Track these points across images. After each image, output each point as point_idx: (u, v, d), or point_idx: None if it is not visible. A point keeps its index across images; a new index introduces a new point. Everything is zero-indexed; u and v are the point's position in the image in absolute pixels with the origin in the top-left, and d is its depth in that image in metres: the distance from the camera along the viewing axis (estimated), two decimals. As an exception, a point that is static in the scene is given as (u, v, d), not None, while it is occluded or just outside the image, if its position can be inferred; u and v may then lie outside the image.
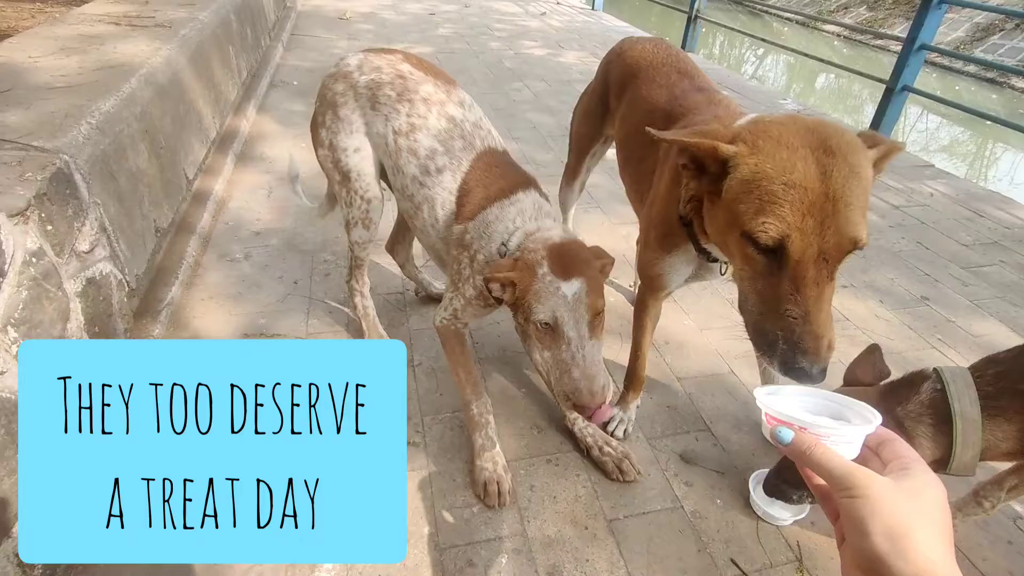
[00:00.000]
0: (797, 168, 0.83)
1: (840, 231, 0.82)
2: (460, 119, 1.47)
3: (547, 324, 1.16)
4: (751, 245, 0.88)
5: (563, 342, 1.14)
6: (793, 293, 0.84)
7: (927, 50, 3.67)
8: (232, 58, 3.38)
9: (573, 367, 1.12)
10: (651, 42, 1.73)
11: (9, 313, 1.15)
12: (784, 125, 0.89)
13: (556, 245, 1.22)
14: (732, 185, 0.91)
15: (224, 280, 2.13)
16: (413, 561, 1.30)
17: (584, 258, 1.22)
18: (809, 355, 0.81)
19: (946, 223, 2.94)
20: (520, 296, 1.19)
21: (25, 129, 1.51)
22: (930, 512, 0.49)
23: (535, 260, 1.19)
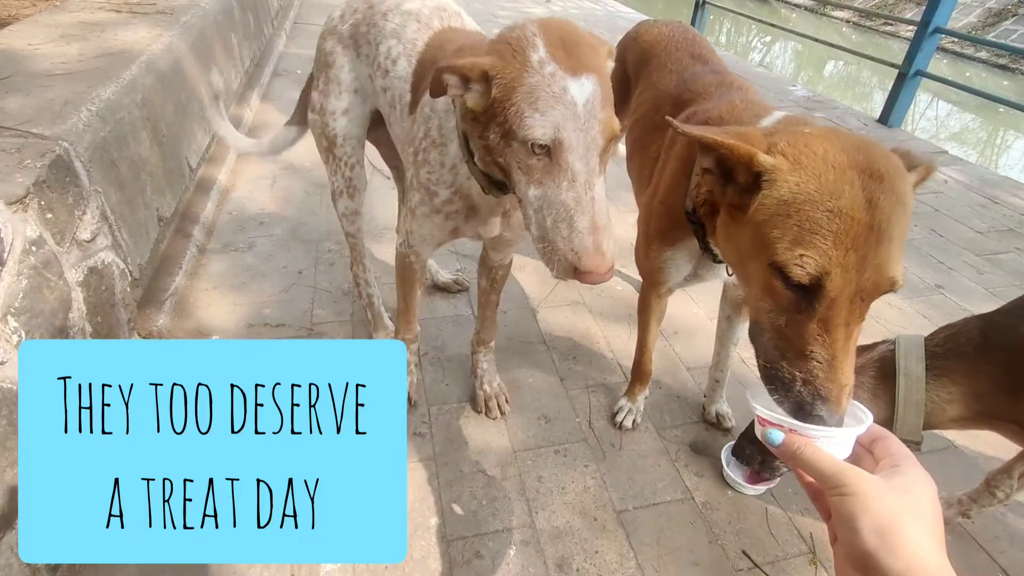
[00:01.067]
0: (845, 194, 0.72)
1: (881, 269, 0.72)
2: (417, 9, 1.33)
3: (543, 147, 0.80)
4: (780, 278, 0.76)
5: (564, 176, 0.80)
6: (821, 334, 0.73)
7: (941, 34, 3.60)
8: (235, 46, 3.34)
9: (578, 214, 0.79)
10: (667, 25, 1.67)
11: (9, 302, 1.13)
12: (828, 140, 0.78)
13: (551, 22, 0.86)
14: (766, 204, 0.78)
15: (228, 270, 2.11)
16: (420, 553, 1.28)
17: (591, 44, 0.86)
18: (830, 404, 0.71)
19: (960, 210, 2.89)
20: (499, 98, 0.81)
21: (24, 116, 1.48)
22: (920, 508, 0.49)
23: (523, 39, 0.82)
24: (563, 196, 0.80)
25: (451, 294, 2.08)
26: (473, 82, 0.84)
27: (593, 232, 0.79)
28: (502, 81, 0.81)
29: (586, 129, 0.79)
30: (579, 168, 0.79)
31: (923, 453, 1.56)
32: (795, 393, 0.74)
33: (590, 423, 1.62)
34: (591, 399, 1.69)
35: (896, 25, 10.74)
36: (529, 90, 0.79)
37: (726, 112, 1.16)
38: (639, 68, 1.64)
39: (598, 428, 1.61)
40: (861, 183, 0.72)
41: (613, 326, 1.98)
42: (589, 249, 0.79)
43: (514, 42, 0.82)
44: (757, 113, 1.10)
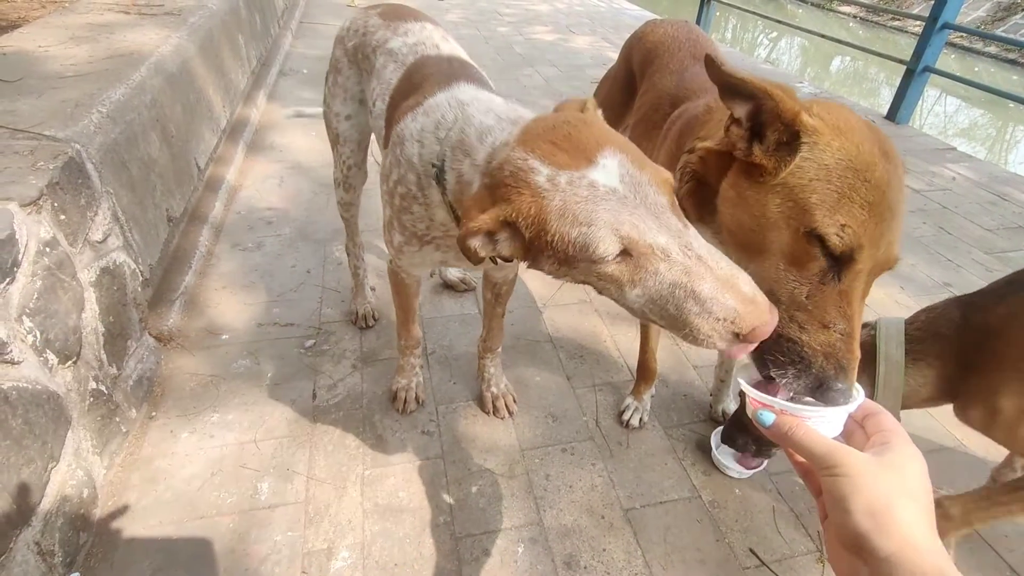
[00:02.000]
0: (878, 166, 0.71)
1: (891, 246, 0.74)
2: (398, 47, 1.34)
3: (616, 255, 0.67)
4: (817, 245, 0.73)
5: (657, 259, 0.66)
6: (843, 306, 0.73)
7: (950, 29, 3.57)
8: (242, 46, 3.36)
9: (698, 282, 0.64)
10: (672, 25, 1.66)
11: (24, 303, 1.14)
12: (849, 111, 0.77)
13: (529, 127, 0.76)
14: (803, 167, 0.74)
15: (237, 269, 2.12)
16: (429, 550, 1.29)
17: (578, 121, 0.74)
18: (849, 376, 0.71)
19: (969, 207, 2.87)
20: (535, 236, 0.71)
21: (36, 118, 1.50)
22: (911, 486, 0.49)
23: (517, 171, 0.71)
24: (670, 277, 0.66)
25: (458, 293, 2.09)
26: (498, 234, 0.75)
27: (727, 289, 0.64)
28: (527, 221, 0.71)
29: (642, 200, 0.67)
30: (664, 241, 0.66)
31: (929, 452, 1.57)
32: (817, 367, 0.72)
33: (597, 422, 1.62)
34: (598, 398, 1.70)
35: (903, 20, 10.65)
36: (561, 212, 0.68)
37: (715, 102, 1.10)
38: (643, 68, 1.64)
39: (605, 427, 1.61)
40: (882, 159, 0.73)
41: (619, 325, 1.98)
42: (736, 309, 0.63)
43: (510, 179, 0.71)
44: None
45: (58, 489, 1.19)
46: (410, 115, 1.06)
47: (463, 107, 0.96)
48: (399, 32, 1.38)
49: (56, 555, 1.16)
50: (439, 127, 0.98)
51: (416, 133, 1.02)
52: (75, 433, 1.26)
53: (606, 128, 0.74)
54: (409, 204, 1.07)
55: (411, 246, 1.15)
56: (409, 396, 1.60)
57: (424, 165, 1.01)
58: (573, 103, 0.83)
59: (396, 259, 1.26)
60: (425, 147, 1.00)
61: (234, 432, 1.53)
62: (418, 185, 1.04)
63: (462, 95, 1.02)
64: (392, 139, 1.11)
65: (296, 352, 1.79)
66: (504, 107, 0.94)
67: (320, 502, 1.38)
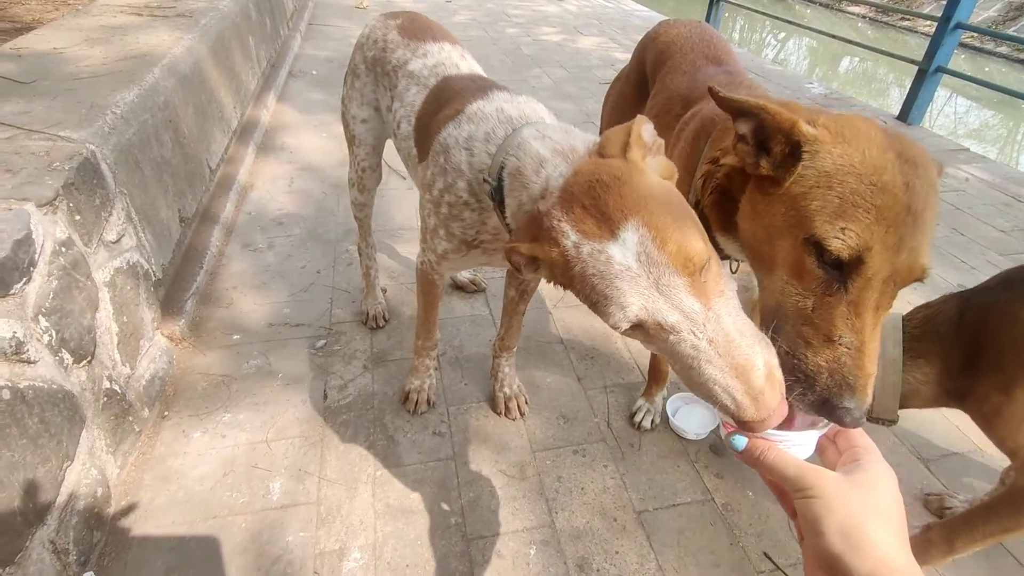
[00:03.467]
0: (888, 170, 0.70)
1: (916, 253, 0.70)
2: (418, 70, 1.36)
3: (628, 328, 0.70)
4: (815, 254, 0.72)
5: (668, 333, 0.67)
6: (851, 318, 0.70)
7: (963, 29, 3.54)
8: (252, 48, 3.38)
9: (706, 365, 0.65)
10: (686, 26, 1.64)
11: (40, 302, 1.15)
12: (867, 121, 0.76)
13: (570, 182, 0.77)
14: (804, 176, 0.74)
15: (248, 270, 2.13)
16: (441, 551, 1.29)
17: (621, 177, 0.73)
18: (858, 395, 0.67)
19: (982, 208, 2.84)
20: (560, 280, 0.78)
21: (52, 119, 1.51)
22: (883, 505, 0.50)
23: (552, 229, 0.74)
24: (678, 349, 0.66)
25: (468, 294, 2.09)
26: (533, 265, 0.79)
27: (735, 377, 0.62)
28: (555, 272, 0.76)
29: (656, 281, 0.66)
30: (674, 320, 0.65)
31: (943, 457, 1.55)
32: (822, 386, 0.69)
33: (608, 423, 1.62)
34: (609, 399, 1.69)
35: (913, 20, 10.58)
36: (581, 278, 0.71)
37: None
38: (656, 68, 1.63)
39: (617, 428, 1.60)
40: (900, 165, 0.71)
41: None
42: (737, 400, 0.62)
43: (546, 233, 0.75)
44: None
45: (72, 488, 1.19)
46: (452, 123, 1.09)
47: (511, 123, 1.01)
48: (418, 53, 1.39)
49: (71, 554, 1.16)
50: (489, 140, 1.02)
51: (463, 141, 1.05)
52: (89, 432, 1.26)
53: (640, 186, 0.72)
54: (460, 211, 1.10)
55: (458, 252, 1.17)
56: (421, 397, 1.60)
57: (474, 173, 1.03)
58: (617, 138, 0.79)
59: (437, 265, 1.27)
60: (475, 156, 1.03)
61: (246, 432, 1.53)
62: (469, 191, 1.06)
63: (508, 108, 1.05)
64: (434, 149, 1.13)
65: (307, 352, 1.80)
66: (560, 135, 0.95)
67: (332, 503, 1.38)
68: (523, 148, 0.93)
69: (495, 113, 1.05)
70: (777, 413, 0.61)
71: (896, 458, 1.56)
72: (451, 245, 1.16)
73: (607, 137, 0.80)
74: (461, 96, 1.15)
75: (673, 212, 0.70)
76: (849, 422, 0.65)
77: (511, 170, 0.94)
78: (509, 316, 1.52)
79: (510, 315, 1.52)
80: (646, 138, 0.79)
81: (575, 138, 0.93)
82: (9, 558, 1.00)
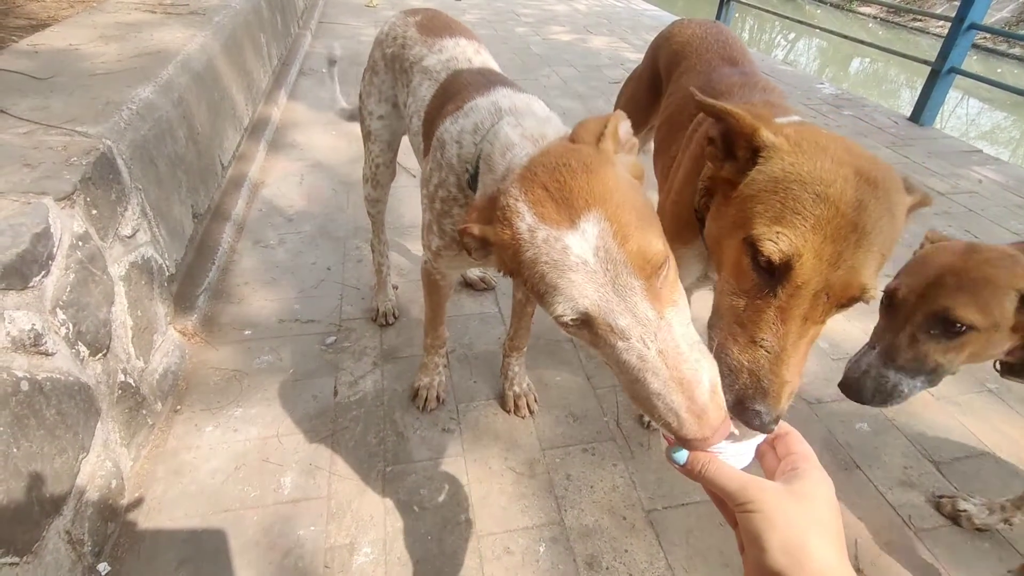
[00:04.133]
0: (836, 183, 0.70)
1: (855, 271, 0.69)
2: (432, 65, 1.35)
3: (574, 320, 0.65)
4: (750, 255, 0.72)
5: (615, 337, 0.63)
6: (776, 323, 0.70)
7: (977, 30, 3.51)
8: (263, 45, 3.39)
9: (649, 375, 0.61)
10: (700, 25, 1.63)
11: (58, 295, 1.16)
12: (833, 139, 0.77)
13: (535, 160, 0.73)
14: (756, 179, 0.76)
15: (259, 266, 2.14)
16: (451, 547, 1.30)
17: (590, 165, 0.69)
18: (769, 399, 0.66)
19: (996, 211, 2.82)
20: (510, 269, 0.73)
21: (69, 115, 1.53)
22: (821, 515, 0.51)
23: (507, 208, 0.70)
24: (624, 357, 0.63)
25: (478, 292, 2.09)
26: (485, 249, 0.76)
27: (679, 391, 0.59)
28: (504, 254, 0.71)
29: (612, 280, 0.63)
30: (625, 324, 0.62)
31: (955, 460, 1.54)
32: (740, 384, 0.69)
33: (618, 422, 1.62)
34: (619, 398, 1.69)
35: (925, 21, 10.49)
36: (532, 264, 0.66)
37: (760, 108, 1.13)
38: (670, 69, 1.62)
39: (626, 427, 1.60)
40: (856, 182, 0.71)
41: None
42: (679, 415, 0.59)
43: (501, 213, 0.70)
44: (775, 113, 1.05)
45: (88, 480, 1.21)
46: (450, 119, 1.08)
47: (500, 115, 0.99)
48: (434, 49, 1.39)
49: (85, 544, 1.18)
50: (476, 131, 1.00)
51: (456, 135, 1.04)
52: (104, 425, 1.28)
53: (608, 177, 0.68)
54: (450, 207, 1.09)
55: (450, 250, 1.16)
56: (431, 395, 1.60)
57: (462, 166, 1.02)
58: (592, 127, 0.76)
59: (434, 262, 1.27)
60: (463, 148, 1.02)
61: (257, 427, 1.54)
62: (458, 187, 1.06)
63: (503, 101, 1.03)
64: (433, 144, 1.13)
65: (317, 349, 1.80)
66: (533, 122, 0.94)
67: (342, 498, 1.38)
68: (496, 134, 0.93)
69: (488, 106, 1.03)
70: (719, 432, 0.59)
71: (907, 460, 1.55)
72: (443, 242, 1.15)
73: (582, 125, 0.78)
74: (466, 91, 1.14)
75: (637, 210, 0.67)
76: (757, 425, 0.64)
77: (484, 156, 0.93)
78: (518, 317, 1.53)
79: (519, 316, 1.52)
80: (621, 134, 0.78)
81: (547, 127, 0.92)
82: (27, 547, 1.01)
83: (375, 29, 5.28)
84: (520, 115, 0.97)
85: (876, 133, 3.66)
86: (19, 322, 1.04)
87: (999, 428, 1.66)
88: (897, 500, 1.45)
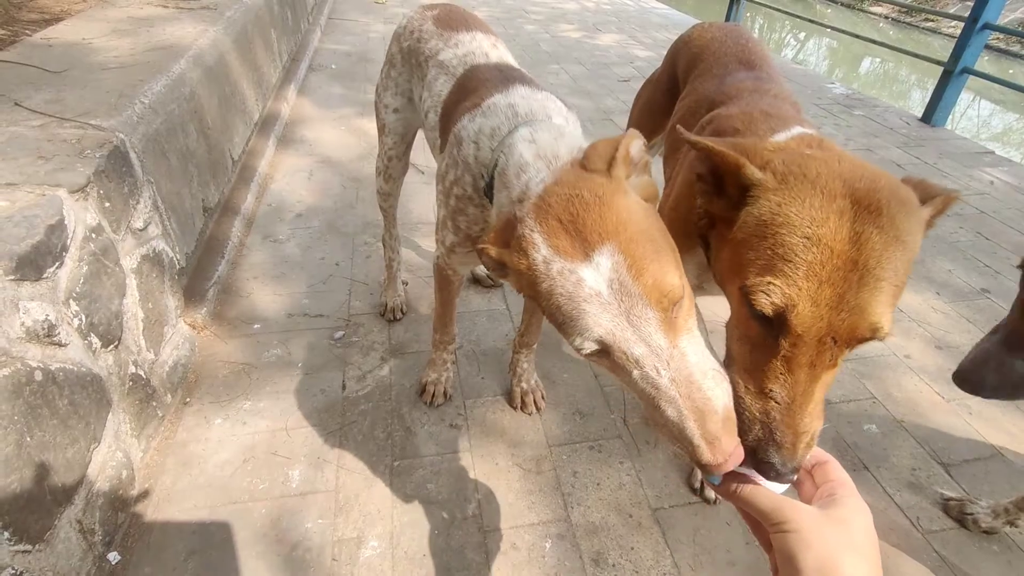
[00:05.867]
0: (828, 222, 0.66)
1: (861, 311, 0.65)
2: (448, 59, 1.34)
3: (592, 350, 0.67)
4: (747, 305, 0.69)
5: (630, 366, 0.65)
6: (784, 374, 0.67)
7: (991, 30, 3.48)
8: (274, 41, 3.40)
9: (664, 403, 0.63)
10: (720, 29, 1.60)
11: (71, 287, 1.17)
12: (827, 163, 0.71)
13: (549, 190, 0.73)
14: (746, 222, 0.72)
15: (268, 260, 2.15)
16: (458, 542, 1.30)
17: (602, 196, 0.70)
18: (784, 451, 0.65)
19: (1007, 212, 2.80)
20: (526, 292, 0.75)
21: (82, 108, 1.54)
22: (858, 540, 0.50)
23: (524, 238, 0.71)
24: (640, 386, 0.65)
25: (485, 288, 2.09)
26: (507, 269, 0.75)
27: (693, 419, 0.61)
28: (520, 283, 0.73)
29: (627, 311, 0.65)
30: (639, 353, 0.64)
31: (964, 462, 1.53)
32: (753, 435, 0.67)
33: (625, 420, 1.62)
34: (626, 396, 1.69)
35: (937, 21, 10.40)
36: (548, 295, 0.68)
37: (741, 123, 1.09)
38: (688, 72, 1.59)
39: (633, 425, 1.60)
40: (852, 214, 0.66)
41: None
42: (693, 442, 0.61)
43: (516, 242, 0.72)
44: (773, 127, 1.02)
45: (99, 470, 1.22)
46: (468, 116, 1.08)
47: (516, 120, 1.00)
48: (450, 43, 1.38)
49: (96, 534, 1.19)
50: (493, 135, 1.01)
51: (473, 135, 1.05)
52: (115, 416, 1.29)
53: (621, 209, 0.69)
54: (464, 205, 1.09)
55: (463, 247, 1.16)
56: (438, 390, 1.61)
57: (479, 167, 1.03)
58: (603, 151, 0.76)
59: (446, 258, 1.27)
60: (480, 150, 1.03)
61: (266, 420, 1.55)
62: (474, 187, 1.06)
63: (520, 104, 1.04)
64: (450, 140, 1.13)
65: (326, 343, 1.81)
66: (547, 138, 0.92)
67: (350, 491, 1.39)
68: (511, 149, 0.93)
69: (506, 108, 1.03)
70: (733, 458, 0.60)
71: (915, 462, 1.54)
72: (457, 239, 1.16)
73: (594, 148, 0.77)
74: (484, 87, 1.14)
75: (652, 240, 0.67)
76: (773, 476, 0.63)
77: (500, 169, 0.94)
78: (529, 313, 1.53)
79: (531, 312, 1.52)
80: (634, 154, 0.77)
81: (561, 144, 0.91)
82: (39, 535, 1.03)
83: (384, 25, 5.29)
84: (536, 126, 0.96)
85: (887, 133, 3.63)
86: (33, 313, 1.05)
87: (1009, 430, 1.65)
88: (905, 502, 1.44)
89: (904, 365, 1.85)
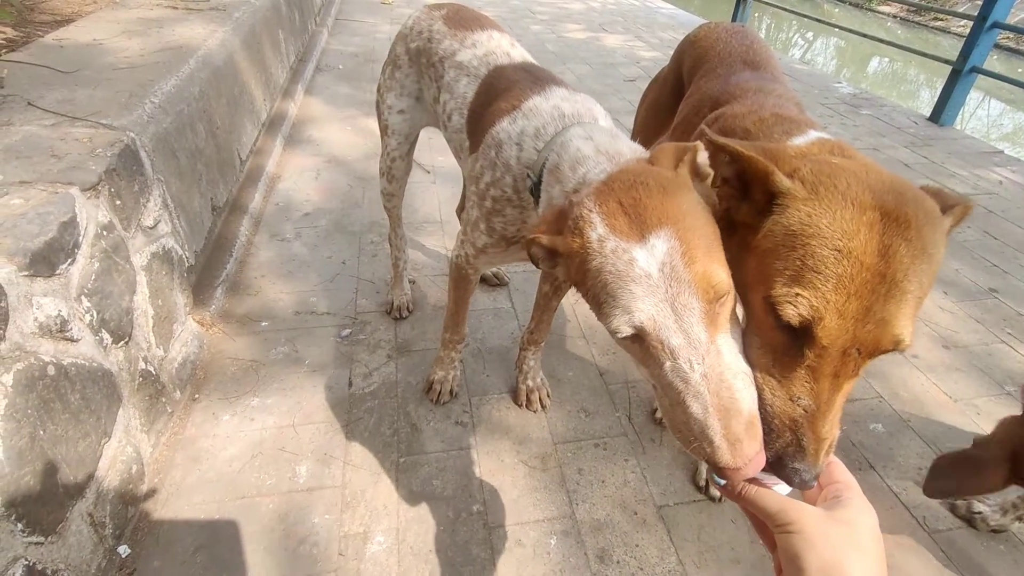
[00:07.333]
0: (859, 235, 0.66)
1: (886, 324, 0.65)
2: (468, 60, 1.33)
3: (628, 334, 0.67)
4: (772, 315, 0.69)
5: (664, 356, 0.65)
6: (808, 382, 0.68)
7: (1000, 29, 3.46)
8: (282, 42, 3.43)
9: (690, 398, 0.63)
10: (726, 30, 1.60)
11: (83, 283, 1.19)
12: (856, 174, 0.71)
13: (613, 176, 0.76)
14: (773, 232, 0.71)
15: (276, 259, 2.17)
16: (463, 538, 1.31)
17: (667, 186, 0.71)
18: (808, 458, 0.65)
19: (1016, 212, 2.78)
20: (575, 279, 0.75)
21: (93, 108, 1.56)
22: (862, 541, 0.50)
23: (582, 213, 0.72)
24: (669, 378, 0.64)
25: (491, 287, 2.10)
26: (551, 259, 0.78)
27: (717, 418, 0.61)
28: (570, 263, 0.74)
29: (673, 298, 0.64)
30: (676, 344, 0.63)
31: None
32: (783, 442, 0.67)
33: (630, 418, 1.62)
34: (631, 394, 1.69)
35: (947, 20, 10.33)
36: (596, 273, 0.68)
37: (752, 125, 1.08)
38: (693, 71, 1.59)
39: (638, 423, 1.61)
40: (882, 227, 0.66)
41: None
42: (714, 441, 0.60)
43: (573, 222, 0.73)
44: (788, 130, 1.01)
45: (109, 464, 1.23)
46: (508, 118, 1.09)
47: (564, 121, 1.00)
48: (466, 44, 1.37)
49: (107, 527, 1.20)
50: (539, 136, 1.01)
51: (515, 136, 1.05)
52: (125, 411, 1.31)
53: (683, 201, 0.70)
54: (502, 207, 1.10)
55: (497, 247, 1.17)
56: (444, 388, 1.62)
57: (521, 168, 1.03)
58: (671, 152, 0.77)
59: (474, 259, 1.27)
60: (524, 151, 1.03)
61: (273, 416, 1.56)
62: (514, 188, 1.07)
63: (564, 106, 1.04)
64: (486, 142, 1.13)
65: (332, 341, 1.83)
66: (605, 136, 0.93)
67: (356, 487, 1.40)
68: (565, 146, 0.94)
69: (550, 110, 1.04)
70: (753, 463, 0.60)
71: (922, 461, 1.54)
72: (491, 240, 1.17)
73: (661, 149, 0.79)
74: (517, 89, 1.14)
75: (707, 237, 0.68)
76: (798, 483, 0.64)
77: (550, 166, 0.95)
78: (541, 310, 1.53)
79: (542, 309, 1.53)
80: (700, 162, 0.78)
81: (622, 143, 0.92)
82: (51, 527, 1.04)
83: (391, 26, 5.31)
84: (588, 127, 0.98)
85: (895, 133, 3.62)
86: (46, 308, 1.07)
87: (1017, 431, 1.64)
88: (911, 501, 1.44)
89: (911, 364, 1.85)
